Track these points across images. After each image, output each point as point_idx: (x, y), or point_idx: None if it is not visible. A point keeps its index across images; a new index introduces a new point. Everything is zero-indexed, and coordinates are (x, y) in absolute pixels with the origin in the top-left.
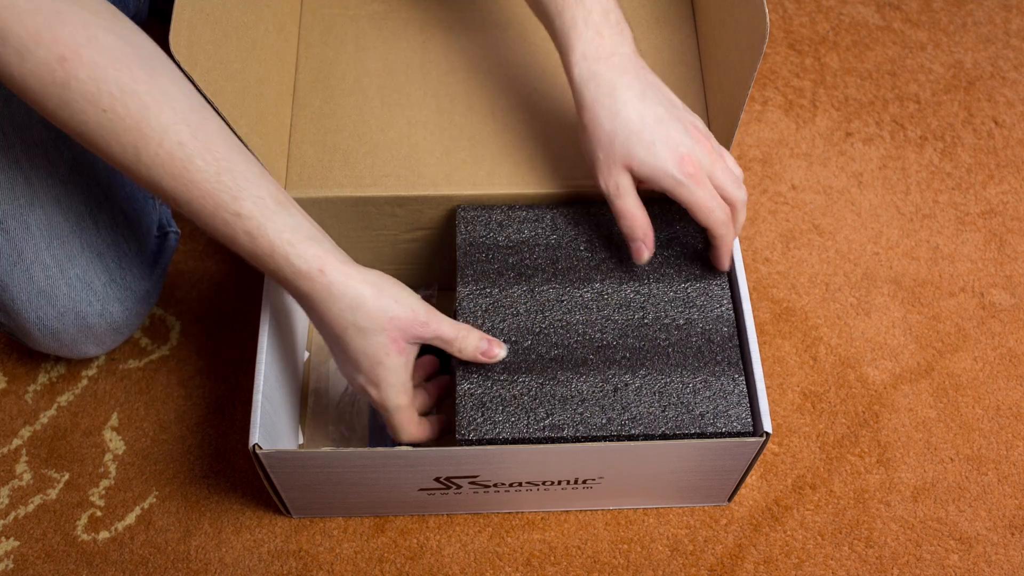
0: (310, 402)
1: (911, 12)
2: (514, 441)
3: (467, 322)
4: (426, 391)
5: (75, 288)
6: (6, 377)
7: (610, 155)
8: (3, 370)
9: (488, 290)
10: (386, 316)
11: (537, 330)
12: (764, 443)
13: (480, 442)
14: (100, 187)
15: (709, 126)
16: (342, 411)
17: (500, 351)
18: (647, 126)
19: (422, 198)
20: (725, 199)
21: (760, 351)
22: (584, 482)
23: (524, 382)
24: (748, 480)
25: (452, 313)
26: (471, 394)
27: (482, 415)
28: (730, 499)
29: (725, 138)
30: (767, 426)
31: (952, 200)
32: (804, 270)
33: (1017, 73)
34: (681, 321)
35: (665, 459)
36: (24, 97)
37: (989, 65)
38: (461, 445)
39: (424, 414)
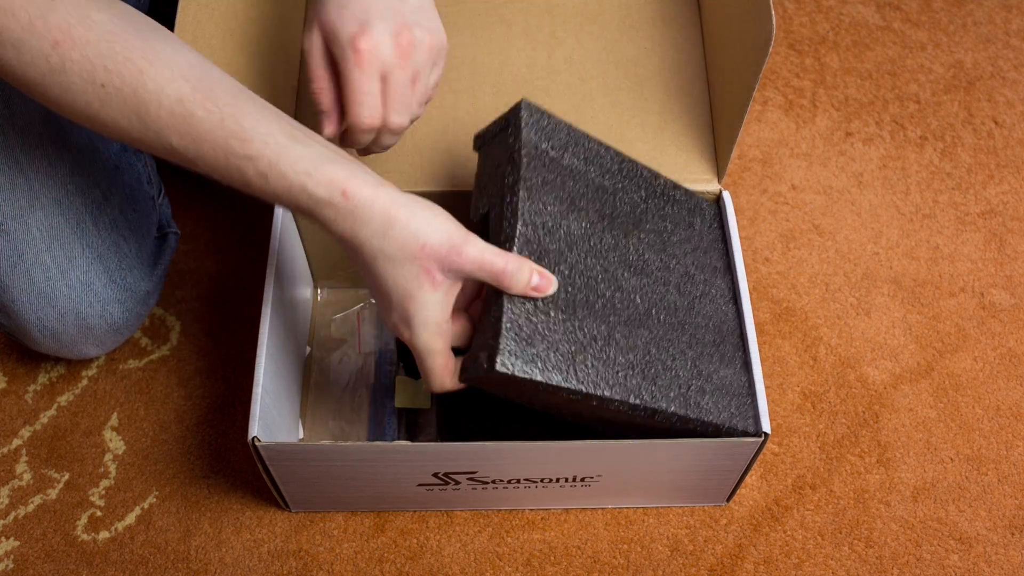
0: (311, 397)
1: (911, 12)
2: (549, 386)
3: (528, 235)
4: (468, 317)
5: (75, 289)
6: (6, 377)
7: (314, 9)
8: (3, 370)
9: (551, 210)
10: (417, 243)
11: (588, 276)
12: (763, 443)
13: (514, 379)
14: (100, 189)
15: (713, 126)
16: (342, 406)
17: (552, 287)
18: None
19: (423, 194)
20: (385, 110)
21: (760, 351)
22: (583, 480)
23: (572, 327)
24: (748, 480)
25: (500, 223)
26: (515, 323)
27: (524, 348)
28: (728, 499)
29: (729, 138)
30: (766, 426)
31: (952, 200)
32: (804, 270)
33: (1017, 73)
34: (710, 312)
35: (663, 458)
36: (29, 92)
37: (989, 65)
38: (494, 371)
39: (466, 348)
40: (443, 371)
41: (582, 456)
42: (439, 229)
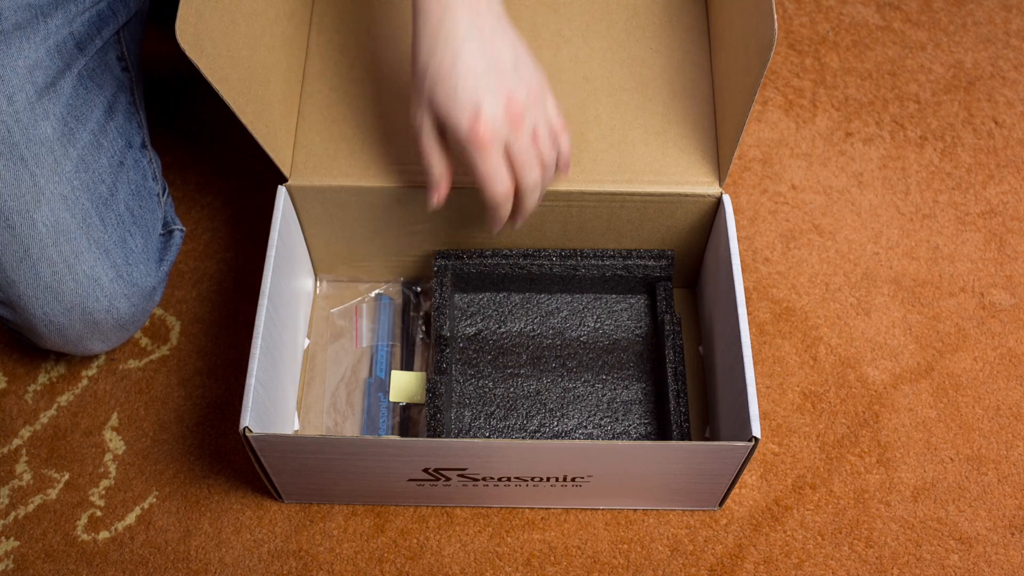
0: (308, 389)
1: (911, 12)
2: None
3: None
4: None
5: (82, 284)
6: (6, 377)
7: (420, 90)
8: (3, 370)
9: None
10: None
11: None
12: (753, 448)
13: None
14: (105, 185)
15: (716, 128)
16: (338, 399)
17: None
18: (456, 71)
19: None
20: (516, 175)
21: (760, 351)
22: (573, 480)
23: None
24: (748, 480)
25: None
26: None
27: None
28: (720, 504)
29: (731, 141)
30: (756, 431)
31: (952, 200)
32: (804, 270)
33: (1017, 73)
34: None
35: (652, 460)
36: None
37: (989, 65)
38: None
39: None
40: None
41: (570, 456)
42: None
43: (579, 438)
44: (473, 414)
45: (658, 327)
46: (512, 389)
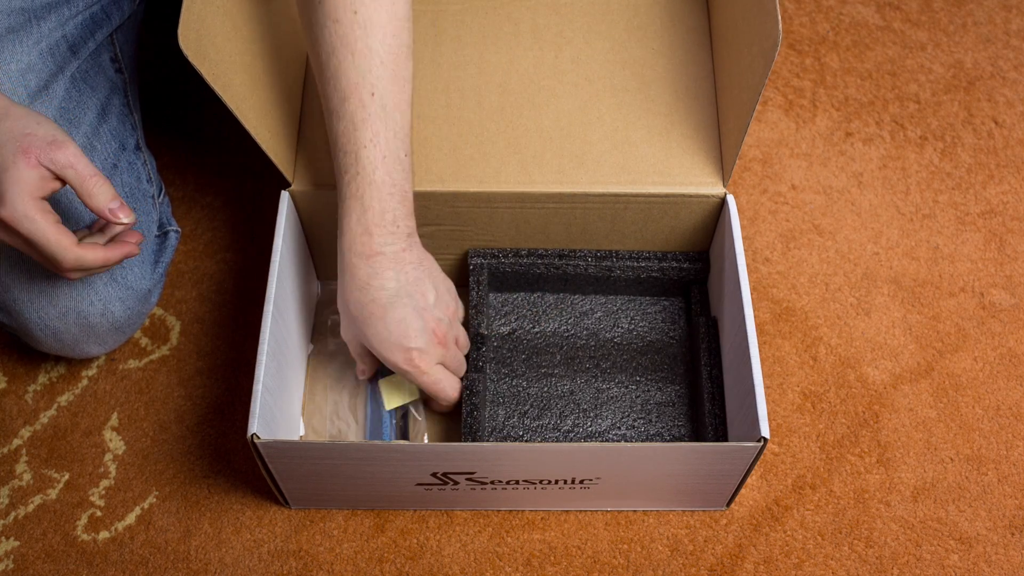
0: (312, 395)
1: (911, 12)
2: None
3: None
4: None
5: (76, 288)
6: (6, 377)
7: (350, 323)
8: (3, 370)
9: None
10: (23, 132)
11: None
12: (762, 448)
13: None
14: None
15: (719, 128)
16: (341, 405)
17: (127, 218)
18: (387, 322)
19: (428, 194)
20: (453, 373)
21: (760, 351)
22: (582, 482)
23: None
24: (748, 480)
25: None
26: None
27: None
28: (728, 504)
29: (735, 141)
30: (764, 431)
31: (952, 200)
32: (804, 270)
33: (1017, 73)
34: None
35: (662, 462)
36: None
37: (989, 65)
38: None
39: None
40: (62, 239)
41: (580, 458)
42: (44, 125)
43: (613, 439)
44: (507, 413)
45: (692, 329)
46: (546, 389)
